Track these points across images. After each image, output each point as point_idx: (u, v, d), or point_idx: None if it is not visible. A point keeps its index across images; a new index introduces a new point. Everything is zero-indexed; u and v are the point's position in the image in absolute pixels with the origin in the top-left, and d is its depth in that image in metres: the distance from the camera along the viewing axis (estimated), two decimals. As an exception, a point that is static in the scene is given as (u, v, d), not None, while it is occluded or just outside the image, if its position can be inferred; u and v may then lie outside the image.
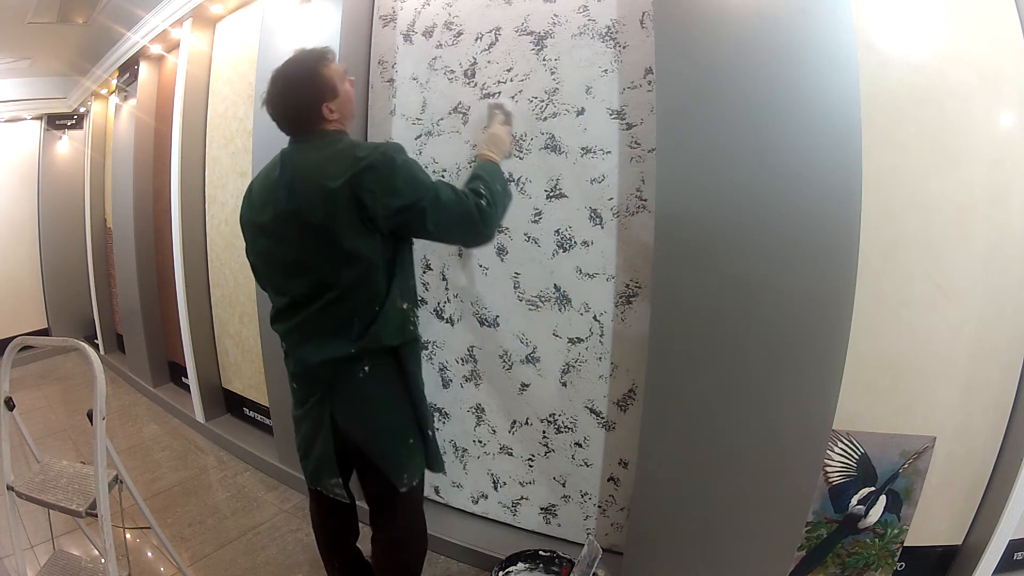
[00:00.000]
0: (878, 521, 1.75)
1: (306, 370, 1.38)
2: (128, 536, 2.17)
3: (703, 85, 1.49)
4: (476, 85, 2.02)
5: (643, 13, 1.72)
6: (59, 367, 4.62)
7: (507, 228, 2.01)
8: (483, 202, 1.33)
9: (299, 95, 1.34)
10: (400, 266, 1.35)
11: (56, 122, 4.95)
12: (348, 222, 1.24)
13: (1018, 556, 1.79)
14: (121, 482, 1.65)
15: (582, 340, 1.94)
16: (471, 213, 1.31)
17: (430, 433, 1.44)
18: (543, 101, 1.91)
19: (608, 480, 2.00)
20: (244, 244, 1.48)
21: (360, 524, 1.63)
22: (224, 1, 2.90)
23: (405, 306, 1.36)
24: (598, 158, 1.83)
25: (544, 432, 2.07)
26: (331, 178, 1.23)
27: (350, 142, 1.35)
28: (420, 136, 2.15)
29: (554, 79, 1.88)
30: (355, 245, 1.25)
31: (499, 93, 1.98)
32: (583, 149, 1.86)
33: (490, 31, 1.99)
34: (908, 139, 1.56)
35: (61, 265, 5.10)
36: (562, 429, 2.03)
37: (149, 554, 2.19)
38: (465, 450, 2.25)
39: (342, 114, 1.39)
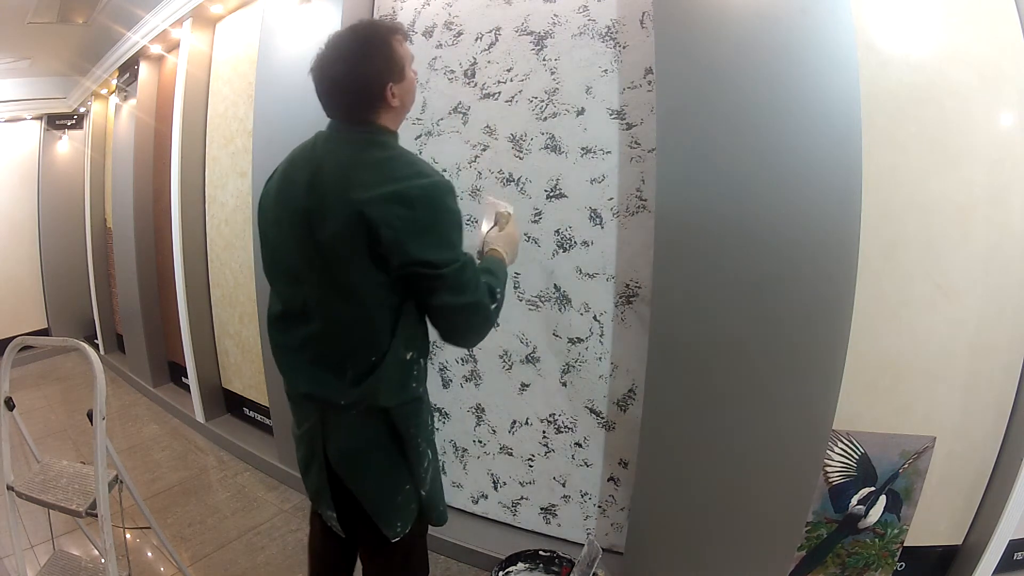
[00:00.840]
0: (878, 521, 1.75)
1: (298, 396, 1.23)
2: (128, 536, 2.17)
3: (703, 85, 1.49)
4: (476, 85, 2.02)
5: (643, 13, 1.72)
6: (59, 367, 4.61)
7: (507, 228, 2.01)
8: (494, 305, 1.14)
9: (363, 64, 1.09)
10: (406, 312, 1.11)
11: (56, 122, 4.95)
12: (355, 249, 1.03)
13: (1018, 556, 1.79)
14: (121, 482, 1.65)
15: (582, 340, 1.94)
16: (485, 308, 1.11)
17: (424, 493, 1.23)
18: (543, 101, 1.91)
19: (608, 480, 2.00)
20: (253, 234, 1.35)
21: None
22: (224, 1, 2.90)
23: (409, 356, 1.15)
24: (598, 158, 1.83)
25: (544, 432, 2.07)
26: (356, 188, 1.03)
27: (399, 153, 1.12)
28: (420, 136, 2.15)
29: (554, 79, 1.88)
30: (358, 280, 1.06)
31: (499, 94, 1.98)
32: (583, 149, 1.86)
33: (490, 31, 1.99)
34: (908, 139, 1.56)
35: (61, 265, 5.10)
36: (562, 429, 2.03)
37: (149, 554, 2.19)
38: (465, 450, 2.25)
39: (403, 103, 1.16)
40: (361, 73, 1.10)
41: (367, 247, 1.03)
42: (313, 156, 1.14)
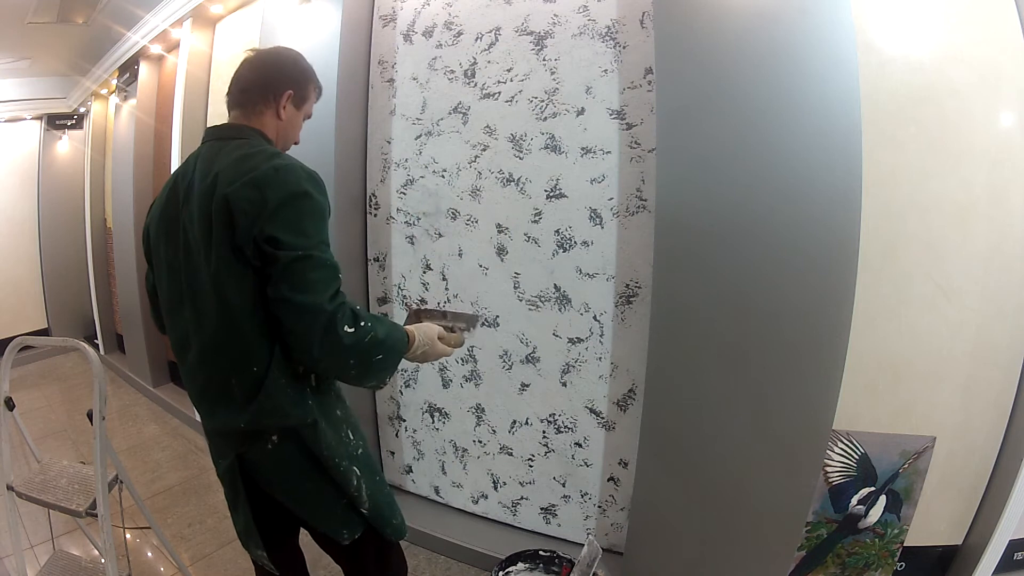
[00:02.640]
0: (878, 521, 1.75)
1: (209, 432, 1.18)
2: (128, 536, 2.17)
3: (703, 85, 1.49)
4: (476, 85, 2.02)
5: (643, 13, 1.72)
6: (59, 367, 4.61)
7: (507, 228, 2.01)
8: (351, 330, 0.98)
9: (267, 67, 1.18)
10: None
11: (56, 122, 4.95)
12: (216, 243, 0.98)
13: (1018, 556, 1.79)
14: (121, 482, 1.65)
15: (582, 340, 1.94)
16: (330, 321, 0.96)
17: (365, 511, 1.17)
18: (543, 101, 1.91)
19: (608, 480, 2.00)
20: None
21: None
22: (224, 1, 2.90)
23: (301, 370, 1.07)
24: (598, 158, 1.83)
25: (544, 432, 2.07)
26: (220, 183, 0.99)
27: (265, 149, 1.08)
28: (420, 136, 2.15)
29: (554, 79, 1.88)
30: (223, 280, 0.99)
31: (499, 94, 1.98)
32: (583, 149, 1.86)
33: (490, 31, 1.99)
34: (908, 139, 1.56)
35: (61, 265, 5.10)
36: (562, 429, 2.03)
37: (149, 554, 2.19)
38: (465, 450, 2.25)
39: (286, 124, 1.19)
40: (259, 72, 1.18)
41: (227, 239, 0.98)
42: (186, 170, 1.12)
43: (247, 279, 0.99)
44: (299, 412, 1.07)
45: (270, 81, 1.18)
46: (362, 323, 0.99)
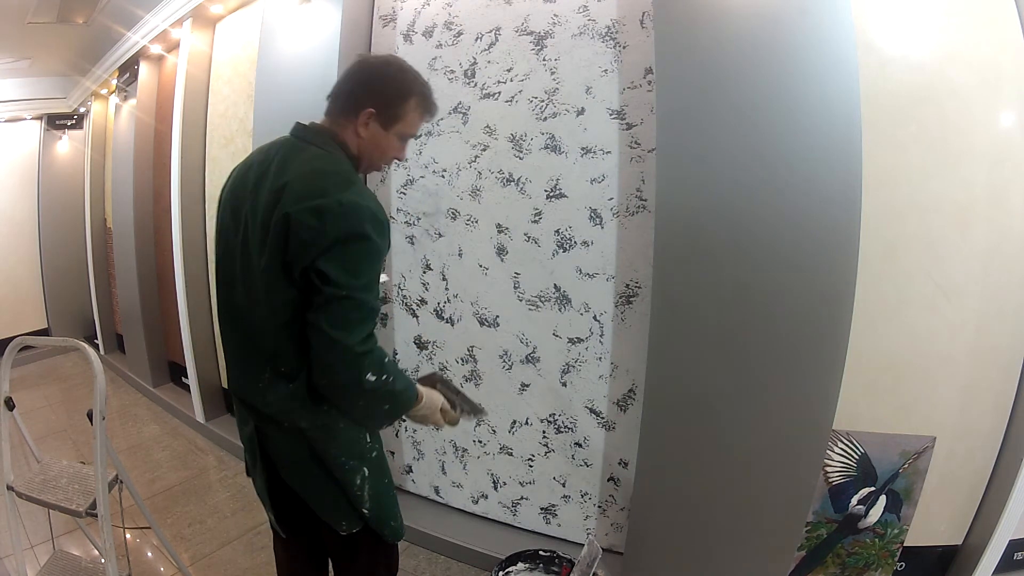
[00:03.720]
0: (878, 521, 1.75)
1: (235, 395, 1.24)
2: (128, 536, 2.17)
3: (703, 85, 1.49)
4: (476, 85, 2.02)
5: (643, 13, 1.72)
6: (59, 367, 4.61)
7: (507, 228, 2.01)
8: (373, 378, 1.03)
9: (354, 78, 1.13)
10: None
11: (56, 122, 4.94)
12: (271, 252, 1.03)
13: (1018, 556, 1.79)
14: (121, 482, 1.65)
15: (582, 340, 1.94)
16: (359, 365, 1.02)
17: (365, 511, 1.20)
18: (543, 101, 1.91)
19: (608, 480, 2.00)
20: None
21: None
22: (224, 1, 2.90)
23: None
24: (598, 158, 1.83)
25: (544, 432, 2.07)
26: (288, 197, 1.02)
27: (341, 169, 1.09)
28: (420, 136, 2.15)
29: (554, 79, 1.88)
30: (273, 288, 1.04)
31: (499, 94, 1.98)
32: (583, 149, 1.86)
33: (490, 31, 1.99)
34: (908, 139, 1.56)
35: (61, 265, 5.09)
36: (562, 429, 2.03)
37: (149, 554, 2.19)
38: (465, 450, 2.25)
39: (371, 144, 1.14)
40: (359, 81, 1.13)
41: (278, 253, 1.02)
42: (266, 157, 1.13)
43: (290, 293, 1.04)
44: (314, 419, 1.12)
45: (352, 95, 1.13)
46: (384, 376, 1.05)
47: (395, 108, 1.13)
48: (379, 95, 1.12)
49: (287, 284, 1.03)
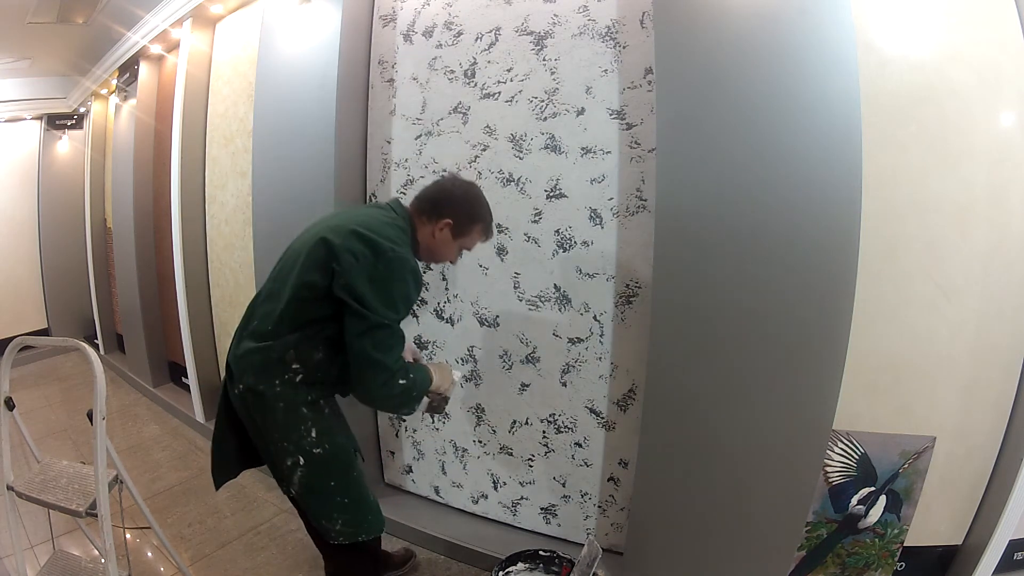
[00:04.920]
0: (878, 521, 1.75)
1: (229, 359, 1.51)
2: (128, 536, 2.17)
3: (703, 85, 1.49)
4: (476, 85, 2.02)
5: (643, 13, 1.72)
6: (59, 367, 4.61)
7: (507, 228, 2.01)
8: (410, 376, 1.34)
9: (442, 191, 1.45)
10: (321, 339, 1.34)
11: (56, 122, 4.94)
12: (313, 262, 1.31)
13: (1018, 556, 1.79)
14: (121, 482, 1.65)
15: (582, 340, 1.94)
16: (391, 378, 1.30)
17: (299, 501, 1.49)
18: (543, 101, 1.91)
19: (608, 480, 2.00)
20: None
21: None
22: (224, 1, 2.90)
23: (295, 365, 1.36)
24: (598, 158, 1.83)
25: (544, 432, 2.07)
26: (347, 225, 1.31)
27: (399, 226, 1.40)
28: (420, 136, 2.15)
29: (554, 79, 1.88)
30: (305, 281, 1.31)
31: (499, 94, 1.98)
32: (583, 149, 1.86)
33: (490, 31, 1.99)
34: (908, 139, 1.56)
35: (61, 265, 5.10)
36: (562, 429, 2.03)
37: (149, 554, 2.19)
38: (465, 450, 2.25)
39: (436, 246, 1.46)
40: (448, 195, 1.44)
41: (322, 264, 1.28)
42: (347, 208, 1.58)
43: (319, 301, 1.30)
44: (257, 383, 1.37)
45: (437, 204, 1.43)
46: (411, 375, 1.35)
47: (465, 226, 1.44)
48: (456, 212, 1.43)
49: (321, 295, 1.29)
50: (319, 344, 1.35)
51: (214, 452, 1.55)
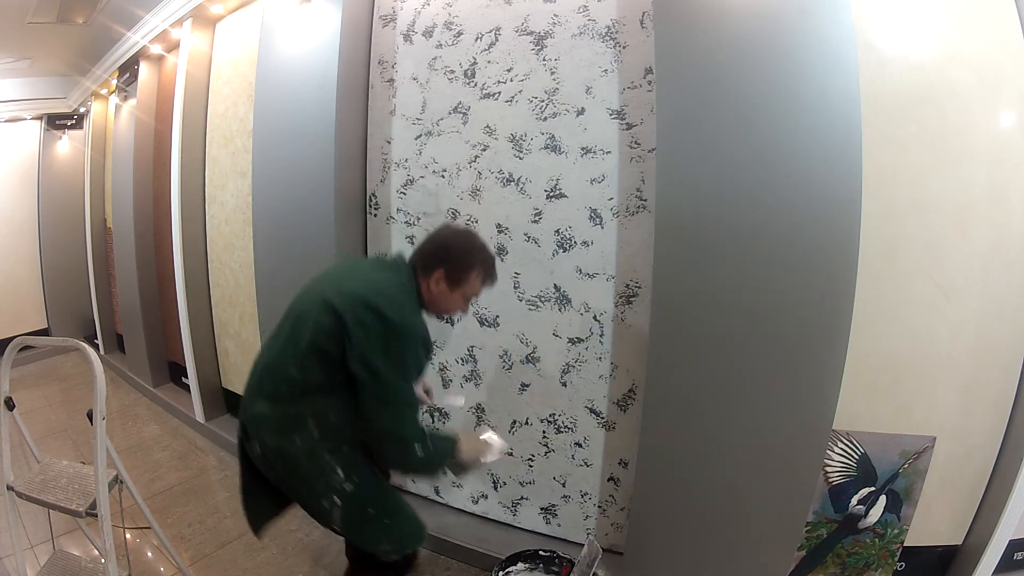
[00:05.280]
0: (878, 521, 1.75)
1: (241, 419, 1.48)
2: (128, 536, 2.17)
3: (703, 85, 1.49)
4: (476, 85, 2.02)
5: (643, 13, 1.72)
6: (59, 367, 4.61)
7: (507, 228, 2.01)
8: (429, 446, 1.32)
9: (435, 242, 1.42)
10: (342, 407, 1.32)
11: (56, 122, 4.94)
12: (324, 328, 1.29)
13: (1018, 556, 1.79)
14: (121, 482, 1.65)
15: (582, 340, 1.94)
16: (407, 443, 1.30)
17: (342, 532, 1.49)
18: (543, 101, 1.91)
19: (608, 480, 2.00)
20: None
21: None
22: (224, 1, 2.90)
23: (310, 423, 1.33)
24: (598, 158, 1.83)
25: (544, 432, 2.07)
26: (361, 290, 1.29)
27: (406, 288, 1.38)
28: (420, 136, 2.15)
29: (554, 79, 1.88)
30: (317, 360, 1.29)
31: (499, 94, 1.98)
32: (583, 149, 1.85)
33: (490, 31, 1.99)
34: (908, 139, 1.56)
35: (61, 265, 5.09)
36: (562, 429, 2.03)
37: (149, 554, 2.19)
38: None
39: (436, 295, 1.40)
40: (437, 245, 1.41)
41: (333, 334, 1.27)
42: (351, 261, 1.55)
43: (331, 368, 1.29)
44: (278, 441, 1.35)
45: (431, 256, 1.40)
46: (430, 446, 1.32)
47: (460, 274, 1.39)
48: (449, 261, 1.38)
49: (330, 357, 1.28)
50: (334, 408, 1.34)
51: (246, 504, 1.52)
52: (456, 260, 1.38)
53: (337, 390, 1.31)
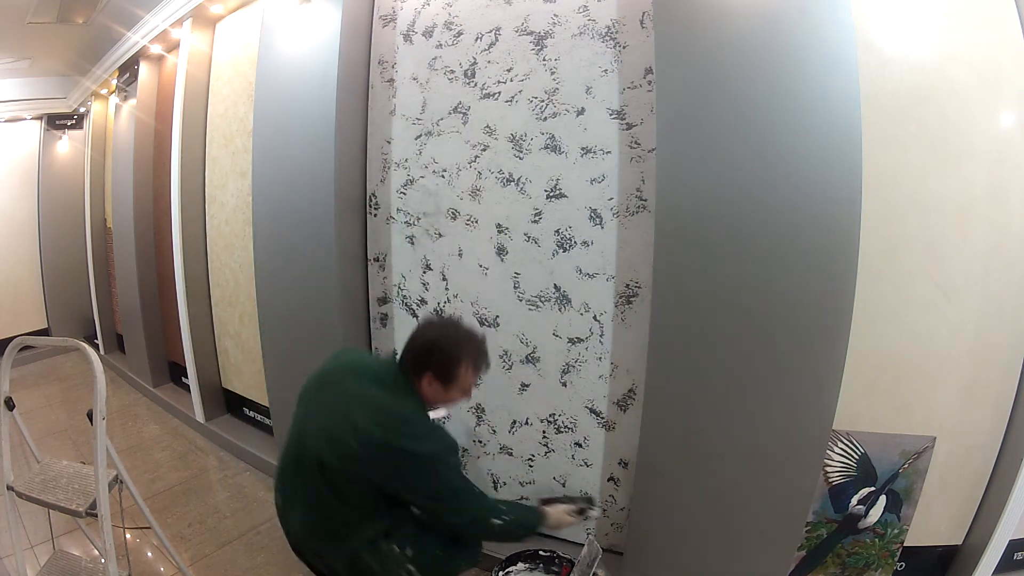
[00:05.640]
0: (878, 521, 1.75)
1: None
2: (128, 536, 2.17)
3: (703, 85, 1.49)
4: (476, 85, 2.02)
5: (643, 13, 1.72)
6: (59, 367, 4.61)
7: (507, 228, 2.01)
8: (506, 517, 1.37)
9: (417, 345, 1.37)
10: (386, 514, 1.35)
11: (56, 122, 4.94)
12: (358, 471, 1.28)
13: (1018, 556, 1.79)
14: (121, 482, 1.65)
15: (582, 340, 1.94)
16: (484, 522, 1.36)
17: None
18: (543, 101, 1.91)
19: (608, 480, 2.00)
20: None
21: None
22: (224, 1, 2.90)
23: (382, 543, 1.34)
24: (598, 158, 1.83)
25: (544, 432, 2.07)
26: (374, 429, 1.26)
27: (415, 411, 1.35)
28: (420, 136, 2.15)
29: (554, 79, 1.88)
30: (340, 484, 1.30)
31: (499, 94, 1.98)
32: (583, 149, 1.86)
33: (490, 31, 1.99)
34: (908, 139, 1.56)
35: (61, 265, 5.09)
36: (562, 429, 2.03)
37: (149, 554, 2.19)
38: (465, 450, 2.25)
39: (433, 395, 1.38)
40: (421, 348, 1.36)
41: (360, 475, 1.28)
42: (348, 371, 1.41)
43: (366, 496, 1.30)
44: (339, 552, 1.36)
45: (417, 360, 1.36)
46: (504, 516, 1.37)
47: (447, 373, 1.35)
48: (433, 365, 1.35)
49: (369, 484, 1.29)
50: (394, 541, 1.35)
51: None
52: (440, 361, 1.34)
53: (391, 515, 1.34)
